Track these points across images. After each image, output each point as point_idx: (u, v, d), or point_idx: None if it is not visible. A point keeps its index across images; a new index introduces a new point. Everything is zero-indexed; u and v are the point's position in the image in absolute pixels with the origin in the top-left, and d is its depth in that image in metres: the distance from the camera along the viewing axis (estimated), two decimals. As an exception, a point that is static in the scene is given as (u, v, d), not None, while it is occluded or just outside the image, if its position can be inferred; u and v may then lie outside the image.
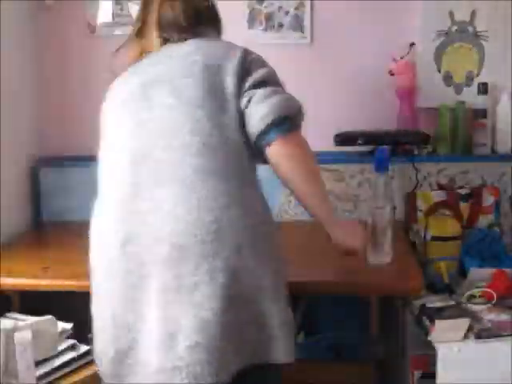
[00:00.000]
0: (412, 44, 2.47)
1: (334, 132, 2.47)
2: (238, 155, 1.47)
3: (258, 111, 1.47)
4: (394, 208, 2.45)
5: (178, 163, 1.42)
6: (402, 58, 2.47)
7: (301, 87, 2.62)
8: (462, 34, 2.47)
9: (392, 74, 2.48)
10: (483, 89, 2.41)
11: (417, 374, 1.94)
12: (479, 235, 2.26)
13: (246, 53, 1.60)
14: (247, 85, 1.52)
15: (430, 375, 1.84)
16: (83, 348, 1.85)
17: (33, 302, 2.07)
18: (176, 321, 1.34)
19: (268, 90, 1.51)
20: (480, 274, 2.03)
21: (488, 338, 1.78)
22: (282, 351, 1.44)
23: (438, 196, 2.39)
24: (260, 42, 2.54)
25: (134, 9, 2.55)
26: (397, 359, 2.13)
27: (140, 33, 1.67)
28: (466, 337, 1.79)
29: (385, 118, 2.51)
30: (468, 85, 2.49)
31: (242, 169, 1.48)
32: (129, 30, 1.76)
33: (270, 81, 1.56)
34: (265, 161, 1.53)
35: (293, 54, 2.56)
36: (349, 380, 2.08)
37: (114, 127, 1.62)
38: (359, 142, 2.41)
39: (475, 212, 2.37)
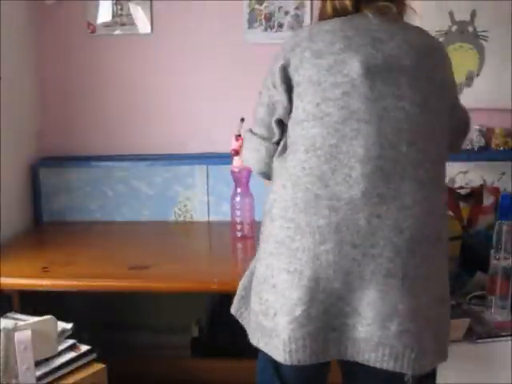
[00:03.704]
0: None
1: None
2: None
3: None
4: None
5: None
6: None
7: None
8: (462, 34, 2.47)
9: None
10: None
11: (417, 373, 1.94)
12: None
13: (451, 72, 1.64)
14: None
15: (430, 375, 1.84)
16: (83, 348, 1.85)
17: (33, 302, 2.08)
18: (394, 305, 1.40)
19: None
20: (480, 274, 2.03)
21: (488, 338, 1.78)
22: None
23: (437, 196, 2.38)
24: (260, 41, 2.55)
25: (134, 9, 2.57)
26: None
27: None
28: (465, 337, 1.79)
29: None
30: (468, 85, 2.49)
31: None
32: (129, 30, 1.74)
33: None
34: None
35: (293, 54, 2.55)
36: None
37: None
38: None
39: (475, 212, 2.37)
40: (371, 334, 1.41)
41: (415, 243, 1.41)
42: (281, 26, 2.54)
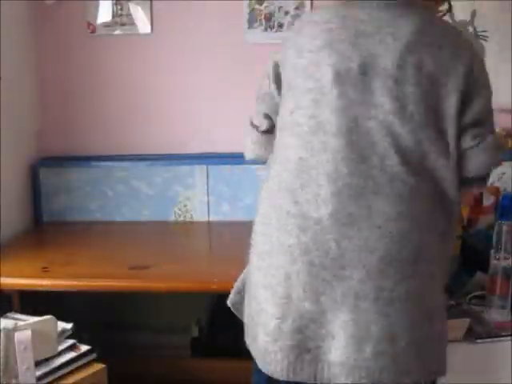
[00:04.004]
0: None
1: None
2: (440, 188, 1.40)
3: (480, 158, 1.41)
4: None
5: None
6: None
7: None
8: (461, 34, 2.47)
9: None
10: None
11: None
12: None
13: (474, 61, 1.40)
14: (469, 116, 1.40)
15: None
16: (83, 348, 1.85)
17: (33, 302, 2.08)
18: (367, 327, 1.36)
19: (494, 140, 1.45)
20: (480, 274, 2.03)
21: (488, 338, 1.78)
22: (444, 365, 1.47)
23: (438, 196, 2.38)
24: (260, 41, 2.55)
25: (134, 9, 2.57)
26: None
27: None
28: (465, 337, 1.78)
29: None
30: (468, 85, 2.48)
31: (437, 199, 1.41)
32: (129, 30, 1.74)
33: (489, 117, 1.50)
34: None
35: (293, 54, 2.56)
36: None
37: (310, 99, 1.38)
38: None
39: (475, 212, 2.36)
40: (347, 356, 1.37)
41: (388, 264, 1.34)
42: (281, 26, 2.54)
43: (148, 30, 2.59)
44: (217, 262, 2.18)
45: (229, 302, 1.63)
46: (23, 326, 1.68)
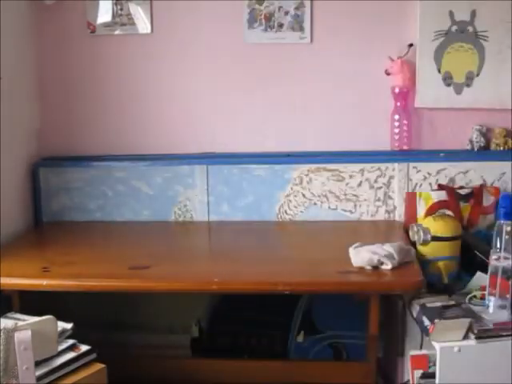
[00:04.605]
0: (410, 45, 2.47)
1: (334, 131, 2.48)
2: None
3: None
4: (394, 208, 2.47)
5: None
6: (399, 57, 2.47)
7: (300, 87, 2.64)
8: (461, 34, 2.47)
9: (388, 74, 2.48)
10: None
11: (417, 373, 1.94)
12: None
13: None
14: None
15: (430, 375, 1.84)
16: (83, 348, 1.85)
17: (33, 302, 2.07)
18: None
19: None
20: (480, 274, 2.03)
21: (488, 338, 1.78)
22: None
23: (437, 196, 2.38)
24: (260, 41, 2.55)
25: (134, 9, 2.57)
26: (397, 359, 2.13)
27: None
28: (465, 337, 1.78)
29: (382, 117, 2.52)
30: (468, 85, 2.49)
31: None
32: (129, 30, 1.74)
33: None
34: None
35: (293, 54, 2.56)
36: (349, 380, 2.09)
37: None
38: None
39: (475, 212, 2.37)
40: None
41: None
42: (281, 26, 2.54)
43: (148, 30, 2.59)
44: (217, 262, 2.18)
45: None
46: (23, 326, 1.68)
